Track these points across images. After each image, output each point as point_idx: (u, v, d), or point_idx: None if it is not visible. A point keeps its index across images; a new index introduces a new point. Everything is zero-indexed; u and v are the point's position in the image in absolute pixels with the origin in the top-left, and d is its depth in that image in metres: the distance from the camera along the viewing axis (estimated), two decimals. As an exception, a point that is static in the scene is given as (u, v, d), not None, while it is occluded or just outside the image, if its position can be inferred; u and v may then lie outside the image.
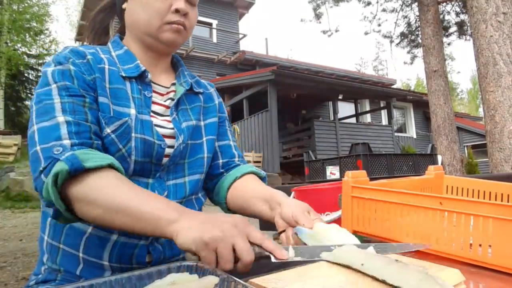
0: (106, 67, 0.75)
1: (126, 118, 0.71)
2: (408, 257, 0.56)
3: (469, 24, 7.03)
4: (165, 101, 0.82)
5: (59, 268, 0.71)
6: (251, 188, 0.83)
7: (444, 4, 9.12)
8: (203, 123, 0.87)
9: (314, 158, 5.83)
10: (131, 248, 0.70)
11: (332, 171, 5.18)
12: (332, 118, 11.04)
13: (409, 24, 10.34)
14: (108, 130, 0.69)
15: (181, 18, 0.77)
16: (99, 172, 0.59)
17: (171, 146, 0.76)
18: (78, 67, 0.70)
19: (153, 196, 0.61)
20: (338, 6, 10.81)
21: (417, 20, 9.47)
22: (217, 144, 0.91)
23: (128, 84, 0.76)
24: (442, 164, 6.15)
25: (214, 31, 13.79)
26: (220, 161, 0.90)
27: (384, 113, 13.38)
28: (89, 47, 0.77)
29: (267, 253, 0.52)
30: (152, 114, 0.77)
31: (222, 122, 0.94)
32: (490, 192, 0.87)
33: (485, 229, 0.54)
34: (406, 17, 10.33)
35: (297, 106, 12.10)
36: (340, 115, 10.23)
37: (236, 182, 0.86)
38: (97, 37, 0.91)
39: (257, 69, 11.75)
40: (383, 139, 10.20)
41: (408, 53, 11.05)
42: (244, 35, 14.52)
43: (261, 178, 0.90)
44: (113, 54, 0.79)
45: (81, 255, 0.69)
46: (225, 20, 14.27)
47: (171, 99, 0.82)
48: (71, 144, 0.61)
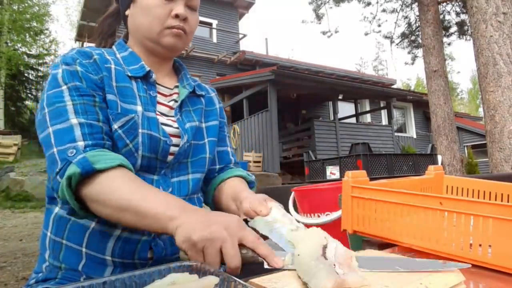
0: (113, 66, 0.77)
1: (133, 115, 0.74)
2: (408, 258, 0.56)
3: (469, 24, 7.03)
4: (168, 102, 0.84)
5: (60, 264, 0.72)
6: (230, 190, 0.85)
7: (444, 4, 9.12)
8: (204, 125, 0.89)
9: (314, 158, 5.83)
10: (134, 244, 0.72)
11: (332, 171, 5.18)
12: (332, 118, 11.03)
13: (409, 24, 10.34)
14: (116, 126, 0.72)
15: (180, 23, 0.79)
16: (109, 173, 0.62)
17: (176, 145, 0.79)
18: (85, 68, 0.72)
19: (159, 193, 0.62)
20: (338, 7, 10.81)
21: (417, 20, 9.47)
22: (216, 150, 0.94)
23: (134, 83, 0.78)
24: (442, 164, 6.15)
25: (214, 31, 13.79)
26: (217, 167, 0.94)
27: (384, 113, 13.37)
28: (95, 48, 0.80)
29: (260, 259, 0.51)
30: (157, 113, 0.80)
31: (222, 128, 0.97)
32: (490, 192, 0.87)
33: (485, 229, 0.54)
34: (406, 17, 10.34)
35: (297, 106, 12.10)
36: (340, 115, 10.22)
37: (221, 184, 0.89)
38: (104, 40, 0.94)
39: (257, 69, 11.74)
40: (383, 139, 10.20)
41: (409, 53, 11.06)
42: (244, 35, 14.51)
43: (248, 182, 0.93)
44: (118, 55, 0.82)
45: (84, 250, 0.71)
46: (225, 20, 14.26)
47: (174, 100, 0.85)
48: (85, 146, 0.64)
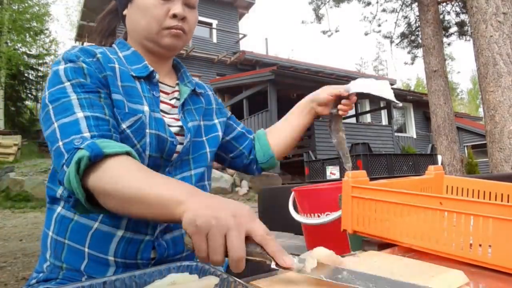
0: (117, 66, 0.76)
1: (141, 115, 0.73)
2: (409, 258, 0.56)
3: (469, 24, 7.03)
4: (170, 100, 0.84)
5: (62, 264, 0.72)
6: (282, 124, 1.04)
7: (444, 4, 9.12)
8: (202, 123, 0.90)
9: (314, 158, 5.82)
10: (137, 244, 0.72)
11: (332, 171, 5.18)
12: (332, 118, 11.00)
13: (409, 24, 10.34)
14: (124, 126, 0.71)
15: (179, 23, 0.78)
16: (117, 159, 0.60)
17: (180, 143, 0.79)
18: (89, 65, 0.71)
19: (167, 179, 0.60)
20: (338, 7, 10.80)
21: (417, 20, 9.47)
22: (229, 138, 1.00)
23: (138, 84, 0.78)
24: (442, 164, 6.15)
25: (214, 31, 13.79)
26: (245, 154, 1.02)
27: (384, 113, 13.38)
28: (98, 47, 0.78)
29: (268, 257, 0.45)
30: (162, 113, 0.80)
31: (229, 120, 1.02)
32: (490, 192, 0.87)
33: (485, 229, 0.54)
34: (406, 17, 10.34)
35: (297, 106, 12.08)
36: (340, 115, 10.20)
37: (267, 135, 1.03)
38: (104, 39, 0.93)
39: (257, 69, 11.74)
40: (383, 139, 10.20)
41: (409, 53, 11.05)
42: (244, 35, 14.52)
43: None
44: (120, 54, 0.81)
45: (86, 250, 0.70)
46: (225, 20, 14.26)
47: (176, 98, 0.85)
48: (91, 136, 0.63)
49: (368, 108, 12.93)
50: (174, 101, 0.85)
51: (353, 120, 11.41)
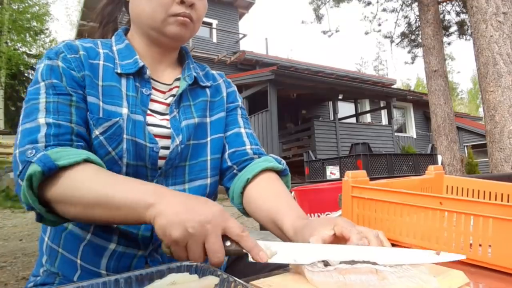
0: (101, 63, 0.71)
1: (118, 118, 0.67)
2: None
3: (469, 24, 7.03)
4: (166, 99, 0.77)
5: (57, 272, 0.70)
6: (260, 202, 0.73)
7: (444, 4, 9.12)
8: (209, 120, 0.80)
9: (314, 158, 5.82)
10: (129, 258, 0.68)
11: (332, 171, 5.18)
12: (332, 118, 11.03)
13: (409, 24, 10.34)
14: (97, 132, 0.66)
15: (187, 10, 0.71)
16: (75, 169, 0.57)
17: (168, 148, 0.72)
18: (68, 63, 0.67)
19: (131, 181, 0.58)
20: (338, 7, 10.80)
21: (417, 20, 9.47)
22: (224, 136, 0.82)
23: (123, 81, 0.71)
24: (442, 164, 6.15)
25: (214, 31, 13.78)
26: (227, 153, 0.80)
27: (384, 113, 13.37)
28: (87, 41, 0.74)
29: (245, 251, 0.48)
30: (150, 113, 0.73)
31: (231, 111, 0.85)
32: (490, 192, 0.87)
33: (485, 229, 0.54)
34: (407, 17, 10.34)
35: (297, 106, 12.09)
36: (340, 115, 10.22)
37: (248, 186, 0.76)
38: (106, 30, 0.86)
39: (257, 69, 11.74)
40: (383, 139, 10.19)
41: (409, 52, 11.06)
42: (244, 35, 14.51)
43: (279, 172, 0.80)
44: (114, 48, 0.75)
45: (79, 261, 0.68)
46: (225, 20, 14.26)
47: (174, 95, 0.77)
48: (45, 146, 0.59)
49: (368, 108, 12.93)
50: (170, 99, 0.76)
51: (353, 120, 11.42)
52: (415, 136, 14.56)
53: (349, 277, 0.43)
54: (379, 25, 12.50)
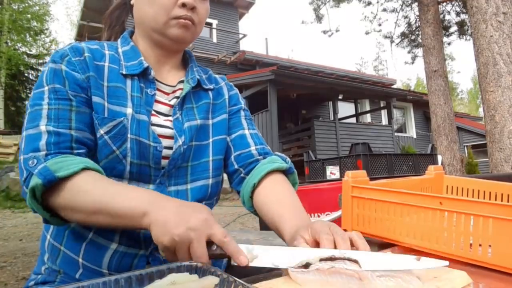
0: (106, 64, 0.73)
1: (122, 118, 0.69)
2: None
3: (469, 24, 7.03)
4: (170, 100, 0.79)
5: (59, 269, 0.71)
6: (266, 208, 0.74)
7: (444, 4, 9.12)
8: (211, 122, 0.82)
9: (314, 158, 5.82)
10: (131, 258, 0.69)
11: (332, 171, 5.17)
12: (332, 118, 11.03)
13: (409, 24, 10.34)
14: (102, 132, 0.68)
15: (188, 13, 0.73)
16: (74, 178, 0.60)
17: (172, 148, 0.74)
18: (72, 66, 0.69)
19: (128, 189, 0.61)
20: (338, 7, 10.80)
21: (417, 20, 9.47)
22: (229, 139, 0.84)
23: (128, 82, 0.74)
24: (442, 164, 6.15)
25: (214, 31, 13.79)
26: (232, 156, 0.83)
27: (384, 113, 13.38)
28: (93, 43, 0.76)
29: (228, 255, 0.52)
30: (154, 113, 0.75)
31: (234, 114, 0.87)
32: (490, 192, 0.87)
33: (485, 229, 0.54)
34: (407, 17, 10.33)
35: (297, 106, 12.10)
36: (340, 115, 10.23)
37: (256, 190, 0.78)
38: (114, 34, 0.88)
39: (257, 69, 11.74)
40: (383, 139, 10.20)
41: (409, 52, 11.05)
42: (244, 35, 14.51)
43: (285, 171, 0.81)
44: (120, 50, 0.78)
45: (80, 260, 0.69)
46: (225, 20, 14.26)
47: (177, 97, 0.79)
48: (46, 154, 0.62)
49: (368, 108, 12.93)
50: (174, 101, 0.79)
51: (353, 120, 11.42)
52: (415, 136, 14.56)
53: (331, 276, 0.44)
54: (379, 25, 12.48)
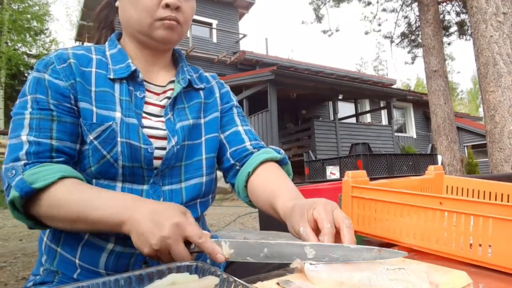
0: (93, 70, 0.73)
1: (111, 122, 0.69)
2: (409, 259, 0.56)
3: (469, 24, 7.03)
4: (161, 100, 0.78)
5: (56, 270, 0.71)
6: (262, 190, 0.76)
7: (444, 4, 9.12)
8: (203, 121, 0.82)
9: (314, 158, 5.82)
10: (127, 258, 0.69)
11: (332, 171, 5.17)
12: (332, 118, 11.03)
13: (409, 24, 10.34)
14: (91, 137, 0.68)
15: (172, 13, 0.72)
16: (52, 189, 0.61)
17: (163, 148, 0.74)
18: (56, 74, 0.69)
19: (104, 197, 0.62)
20: (338, 7, 10.80)
21: (417, 20, 9.47)
22: (223, 136, 0.85)
23: (117, 86, 0.73)
24: (442, 164, 6.15)
25: (214, 31, 13.79)
26: (228, 152, 0.84)
27: (384, 113, 13.38)
28: (79, 48, 0.75)
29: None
30: (145, 115, 0.75)
31: (226, 112, 0.88)
32: (490, 192, 0.87)
33: (485, 229, 0.54)
34: (406, 17, 10.34)
35: (297, 106, 12.10)
36: (340, 115, 10.23)
37: (250, 179, 0.79)
38: (103, 35, 0.87)
39: (257, 69, 11.74)
40: (383, 139, 10.20)
41: (409, 53, 11.05)
42: (244, 35, 14.51)
43: (279, 161, 0.83)
44: (107, 53, 0.77)
45: (77, 261, 0.69)
46: (225, 20, 14.26)
47: (168, 98, 0.79)
48: (24, 164, 0.63)
49: (368, 108, 12.93)
50: (165, 101, 0.78)
51: (353, 120, 11.42)
52: (415, 136, 14.56)
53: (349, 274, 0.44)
54: (379, 25, 12.46)
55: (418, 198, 0.62)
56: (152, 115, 0.76)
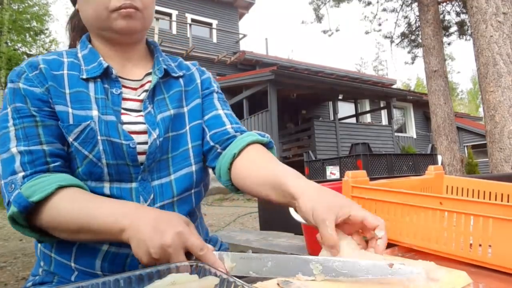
0: (65, 72, 0.72)
1: (89, 121, 0.68)
2: (409, 259, 0.56)
3: (469, 24, 7.03)
4: (139, 95, 0.77)
5: (54, 272, 0.71)
6: (253, 169, 0.72)
7: (444, 4, 9.12)
8: (186, 109, 0.80)
9: (314, 158, 5.82)
10: (123, 258, 0.69)
11: (332, 171, 5.17)
12: (332, 118, 11.04)
13: (409, 24, 10.34)
14: (71, 139, 0.68)
15: (127, 1, 0.70)
16: (50, 200, 0.61)
17: (147, 143, 0.72)
18: (30, 82, 0.69)
19: (103, 205, 0.61)
20: (338, 7, 10.81)
21: (417, 20, 9.47)
22: (203, 121, 0.82)
23: (91, 86, 0.72)
24: (442, 164, 6.15)
25: (214, 31, 13.79)
26: (208, 135, 0.80)
27: (384, 113, 13.38)
28: (51, 54, 0.75)
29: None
30: (124, 111, 0.73)
31: (207, 96, 0.85)
32: (490, 192, 0.87)
33: (485, 229, 0.54)
34: (407, 17, 10.34)
35: (297, 106, 12.10)
36: (340, 115, 10.23)
37: (235, 161, 0.75)
38: (73, 38, 0.88)
39: (257, 69, 11.74)
40: (383, 139, 10.20)
41: (409, 53, 11.05)
42: (244, 35, 14.52)
43: (265, 144, 0.80)
44: (79, 55, 0.76)
45: (73, 265, 0.69)
46: (225, 20, 14.27)
47: (146, 91, 0.77)
48: (23, 177, 0.63)
49: (368, 108, 12.93)
50: (144, 95, 0.76)
51: (353, 120, 11.42)
52: (415, 136, 14.56)
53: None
54: (379, 25, 12.46)
55: (418, 198, 0.62)
56: (132, 111, 0.75)
